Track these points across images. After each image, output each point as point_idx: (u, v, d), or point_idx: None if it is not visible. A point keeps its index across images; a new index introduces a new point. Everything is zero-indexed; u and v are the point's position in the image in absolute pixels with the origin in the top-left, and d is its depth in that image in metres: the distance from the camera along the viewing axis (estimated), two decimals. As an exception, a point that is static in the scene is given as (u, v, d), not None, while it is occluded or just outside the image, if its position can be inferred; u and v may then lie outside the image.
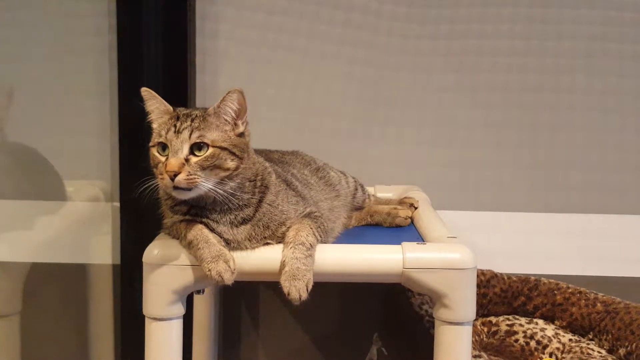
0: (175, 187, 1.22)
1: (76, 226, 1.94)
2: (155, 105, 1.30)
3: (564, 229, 2.00)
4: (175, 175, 1.20)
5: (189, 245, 1.25)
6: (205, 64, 1.96)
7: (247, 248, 1.29)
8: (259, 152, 1.43)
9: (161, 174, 1.22)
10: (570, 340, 1.70)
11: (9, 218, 1.84)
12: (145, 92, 1.29)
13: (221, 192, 1.25)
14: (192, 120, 1.25)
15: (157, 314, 1.29)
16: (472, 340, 1.35)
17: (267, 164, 1.39)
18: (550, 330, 1.73)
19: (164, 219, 1.36)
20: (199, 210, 1.29)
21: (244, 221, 1.30)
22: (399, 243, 1.31)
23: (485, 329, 1.77)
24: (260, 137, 1.45)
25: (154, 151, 1.26)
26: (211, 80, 1.97)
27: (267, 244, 1.31)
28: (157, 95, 1.29)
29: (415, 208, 1.64)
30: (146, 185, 1.27)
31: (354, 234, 1.55)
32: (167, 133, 1.24)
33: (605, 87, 1.98)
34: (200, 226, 1.28)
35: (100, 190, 1.92)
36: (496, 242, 2.00)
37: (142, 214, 1.76)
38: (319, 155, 1.74)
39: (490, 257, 1.94)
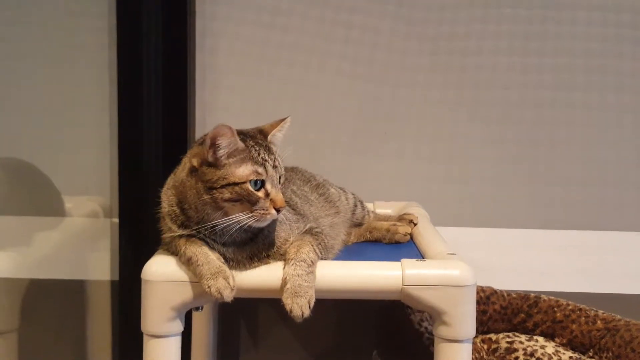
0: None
1: (75, 242, 1.93)
2: (232, 142, 1.25)
3: (564, 245, 2.00)
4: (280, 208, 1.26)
5: (188, 262, 1.25)
6: (205, 80, 1.97)
7: (246, 266, 1.29)
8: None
9: (264, 209, 1.24)
10: (570, 357, 1.69)
11: (7, 234, 1.83)
12: (228, 129, 1.24)
13: None
14: (270, 152, 1.29)
15: (155, 331, 1.28)
16: (472, 358, 1.34)
17: None
18: (550, 347, 1.73)
19: (162, 234, 1.36)
20: (211, 231, 1.28)
21: (251, 239, 1.30)
22: (398, 260, 1.31)
23: (485, 346, 1.76)
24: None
25: (239, 189, 1.24)
26: (211, 95, 1.98)
27: (268, 262, 1.30)
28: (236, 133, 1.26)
29: (415, 224, 1.64)
30: (226, 224, 1.25)
31: (353, 251, 1.55)
32: (265, 170, 1.26)
33: (604, 103, 1.99)
34: (199, 243, 1.27)
35: (99, 206, 1.92)
36: (496, 259, 1.99)
37: (141, 230, 1.76)
38: (318, 171, 1.74)
39: (489, 273, 1.93)
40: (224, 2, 1.97)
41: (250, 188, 1.24)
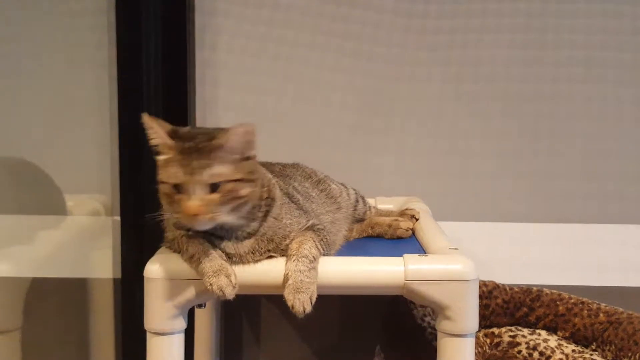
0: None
1: (76, 240, 1.94)
2: (154, 134, 1.24)
3: (566, 239, 2.00)
4: (196, 216, 1.18)
5: (190, 260, 1.25)
6: (205, 76, 1.97)
7: (249, 262, 1.29)
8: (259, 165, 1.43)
9: (177, 213, 1.20)
10: (573, 351, 1.69)
11: (8, 233, 1.83)
12: (146, 117, 1.23)
13: (238, 219, 1.25)
14: (201, 156, 1.19)
15: (158, 329, 1.28)
16: (475, 352, 1.34)
17: (269, 175, 1.39)
18: (553, 341, 1.73)
19: (165, 232, 1.36)
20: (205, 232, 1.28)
21: (249, 235, 1.29)
22: (400, 255, 1.31)
23: (488, 341, 1.76)
24: (259, 149, 1.45)
25: (165, 188, 1.22)
26: (211, 92, 1.97)
27: (270, 257, 1.30)
28: (156, 124, 1.24)
29: (417, 219, 1.63)
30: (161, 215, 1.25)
31: (355, 246, 1.55)
32: (179, 174, 1.19)
33: (605, 96, 1.99)
34: (201, 240, 1.27)
35: (101, 204, 1.92)
36: (498, 253, 1.99)
37: (143, 228, 1.76)
38: (319, 167, 1.73)
39: (492, 267, 1.94)
40: (223, -2, 1.97)
41: (170, 189, 1.21)
